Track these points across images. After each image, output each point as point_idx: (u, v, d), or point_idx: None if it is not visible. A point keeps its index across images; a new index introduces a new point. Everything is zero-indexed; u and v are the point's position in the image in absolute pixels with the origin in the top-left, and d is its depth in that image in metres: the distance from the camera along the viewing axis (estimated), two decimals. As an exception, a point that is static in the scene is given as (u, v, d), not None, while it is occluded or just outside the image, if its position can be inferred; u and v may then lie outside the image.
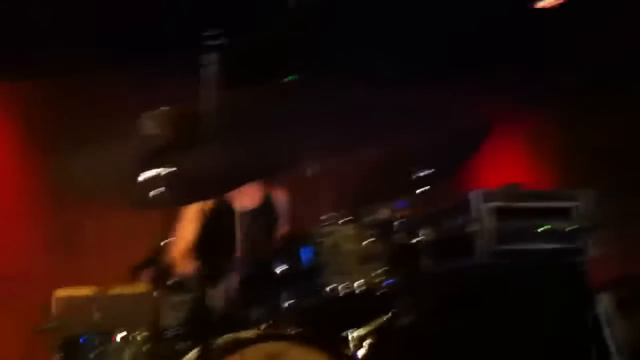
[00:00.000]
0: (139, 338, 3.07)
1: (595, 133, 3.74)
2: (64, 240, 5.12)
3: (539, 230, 3.66)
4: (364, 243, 3.17)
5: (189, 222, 3.78)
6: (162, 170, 2.77)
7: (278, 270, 3.17)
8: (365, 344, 3.15)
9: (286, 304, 3.09)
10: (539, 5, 5.11)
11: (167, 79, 5.38)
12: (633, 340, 3.68)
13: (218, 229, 3.64)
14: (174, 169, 2.78)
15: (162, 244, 3.10)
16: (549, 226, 3.67)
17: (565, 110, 6.11)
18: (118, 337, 3.06)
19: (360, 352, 3.11)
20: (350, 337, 3.16)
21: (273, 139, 3.49)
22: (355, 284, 3.07)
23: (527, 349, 3.48)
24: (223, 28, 2.53)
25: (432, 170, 3.40)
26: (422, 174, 3.45)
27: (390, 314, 3.26)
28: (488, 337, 3.48)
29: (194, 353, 2.92)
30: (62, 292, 3.78)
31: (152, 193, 2.78)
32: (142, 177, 2.77)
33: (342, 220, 3.18)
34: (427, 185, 3.46)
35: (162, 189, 2.79)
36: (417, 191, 3.45)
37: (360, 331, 3.19)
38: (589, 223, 3.65)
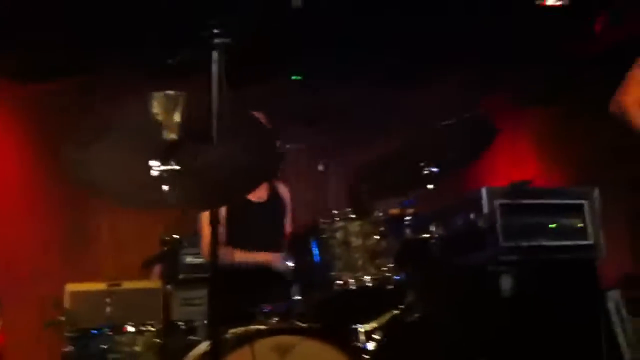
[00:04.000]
0: (150, 329, 3.09)
1: (600, 127, 3.73)
2: (76, 237, 5.15)
3: (550, 226, 3.67)
4: (374, 238, 3.17)
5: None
6: (175, 167, 2.46)
7: (289, 263, 3.18)
8: (375, 337, 3.16)
9: (296, 297, 3.10)
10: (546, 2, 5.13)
11: (175, 77, 5.39)
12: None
13: (241, 220, 3.63)
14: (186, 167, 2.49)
15: (171, 238, 3.10)
16: (556, 224, 3.69)
17: (570, 105, 6.13)
18: (129, 329, 3.07)
19: (370, 345, 3.12)
20: (360, 331, 3.17)
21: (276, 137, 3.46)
22: (365, 279, 3.07)
23: (539, 343, 3.48)
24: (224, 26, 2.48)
25: (441, 166, 3.40)
26: (432, 169, 3.47)
27: (399, 309, 3.27)
28: (497, 332, 3.50)
29: (205, 345, 2.94)
30: (74, 287, 3.80)
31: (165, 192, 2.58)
32: (154, 173, 2.62)
33: (353, 216, 3.18)
34: (436, 182, 3.46)
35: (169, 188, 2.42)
36: (428, 186, 3.46)
37: (370, 325, 3.20)
38: (598, 220, 3.66)
